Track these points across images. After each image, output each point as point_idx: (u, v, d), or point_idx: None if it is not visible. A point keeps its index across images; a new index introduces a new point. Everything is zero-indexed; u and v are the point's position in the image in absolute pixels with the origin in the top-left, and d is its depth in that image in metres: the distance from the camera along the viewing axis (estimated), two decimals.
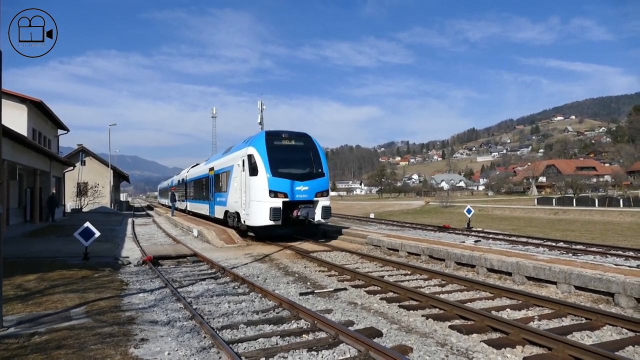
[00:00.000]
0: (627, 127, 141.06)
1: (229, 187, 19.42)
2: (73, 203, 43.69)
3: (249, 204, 16.28)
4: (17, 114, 25.55)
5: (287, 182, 15.83)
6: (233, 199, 18.70)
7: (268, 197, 15.55)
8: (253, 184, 16.02)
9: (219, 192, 21.99)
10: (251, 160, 16.31)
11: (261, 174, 15.87)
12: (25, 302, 7.94)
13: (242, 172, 17.08)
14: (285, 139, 16.98)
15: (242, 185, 17.13)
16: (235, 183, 18.33)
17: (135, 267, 12.27)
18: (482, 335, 6.34)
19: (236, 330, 6.45)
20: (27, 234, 20.30)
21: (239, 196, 17.54)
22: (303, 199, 16.04)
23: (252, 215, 16.02)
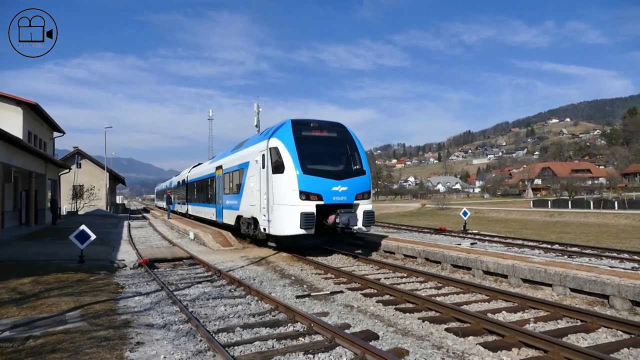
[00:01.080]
0: (622, 130, 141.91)
1: (243, 188, 16.56)
2: (69, 206, 43.48)
3: (271, 208, 13.33)
4: (12, 116, 25.45)
5: (321, 181, 12.84)
6: (248, 201, 15.78)
7: (298, 199, 12.58)
8: (278, 184, 13.11)
9: (229, 194, 19.16)
10: (275, 155, 13.31)
11: (289, 171, 12.82)
12: (20, 306, 7.89)
13: (262, 169, 14.18)
14: (315, 128, 13.90)
15: (261, 185, 14.25)
16: (251, 183, 15.38)
17: (131, 270, 12.22)
18: (478, 337, 6.36)
19: (232, 334, 6.44)
20: (22, 237, 20.17)
21: (257, 199, 14.63)
22: (341, 202, 13.06)
23: (277, 221, 13.08)
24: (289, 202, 12.69)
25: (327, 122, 14.59)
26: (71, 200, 44.05)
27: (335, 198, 12.97)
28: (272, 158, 13.44)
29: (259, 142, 15.09)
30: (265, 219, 13.83)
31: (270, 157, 13.56)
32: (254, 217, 15.20)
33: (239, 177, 17.36)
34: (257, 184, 14.70)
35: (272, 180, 13.33)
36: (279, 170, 13.10)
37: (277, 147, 13.32)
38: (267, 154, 13.76)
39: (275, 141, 13.53)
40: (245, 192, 16.23)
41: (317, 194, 12.73)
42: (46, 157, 27.25)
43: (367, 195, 13.70)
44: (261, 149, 14.45)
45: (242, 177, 16.69)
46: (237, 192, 17.43)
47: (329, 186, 12.88)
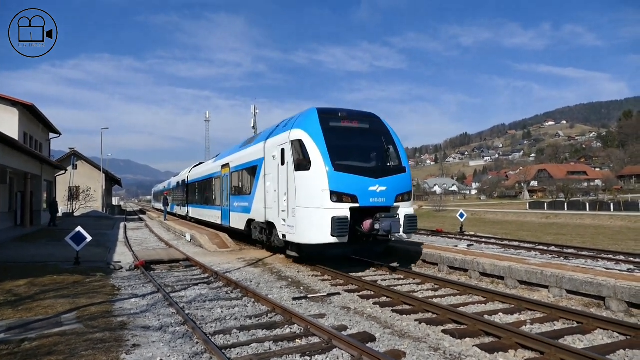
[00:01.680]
0: (617, 132, 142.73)
1: (255, 189, 14.73)
2: (65, 207, 43.31)
3: (293, 212, 11.37)
4: (8, 117, 25.37)
5: (356, 180, 10.90)
6: (263, 204, 13.87)
7: (328, 201, 10.59)
8: (302, 183, 11.18)
9: (237, 195, 17.44)
10: (299, 149, 11.42)
11: (317, 168, 10.85)
12: (16, 308, 7.85)
13: (281, 166, 12.26)
14: (344, 118, 12.01)
15: (280, 184, 12.35)
16: (266, 182, 13.55)
17: (127, 272, 12.18)
18: (475, 339, 6.36)
19: (229, 336, 6.42)
20: (17, 238, 20.07)
21: (274, 200, 12.78)
22: (379, 204, 11.05)
23: (301, 227, 11.11)
24: (317, 204, 10.70)
25: (357, 111, 12.70)
26: (67, 201, 43.89)
27: (373, 200, 10.99)
28: (295, 152, 11.54)
29: (277, 135, 13.21)
30: (286, 224, 11.94)
31: (292, 151, 11.63)
32: (270, 221, 13.35)
33: (250, 176, 15.62)
34: (274, 183, 12.83)
35: (295, 179, 11.38)
36: (304, 167, 11.17)
37: (302, 139, 11.35)
38: (289, 148, 11.80)
39: (299, 133, 11.56)
40: (259, 193, 14.41)
41: (351, 194, 10.76)
42: (42, 158, 27.15)
43: (408, 197, 11.76)
44: (280, 142, 12.55)
45: (255, 176, 14.90)
46: (248, 192, 15.70)
47: (365, 186, 10.92)
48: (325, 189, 10.66)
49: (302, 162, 11.24)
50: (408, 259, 13.60)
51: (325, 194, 10.66)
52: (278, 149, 12.60)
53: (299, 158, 11.38)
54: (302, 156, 11.29)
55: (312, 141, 11.16)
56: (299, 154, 11.39)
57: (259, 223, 14.59)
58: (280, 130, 13.15)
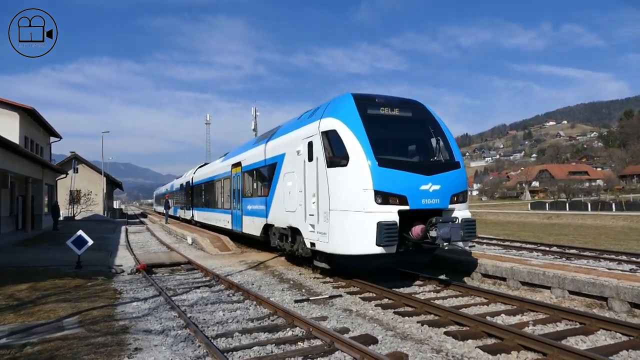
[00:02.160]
0: (618, 132, 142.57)
1: (274, 189, 13.13)
2: (66, 211, 43.36)
3: (326, 216, 9.68)
4: (9, 121, 25.44)
5: (405, 177, 9.21)
6: (283, 206, 12.23)
7: (372, 202, 8.90)
8: (338, 181, 9.49)
9: (251, 196, 15.77)
10: (333, 140, 9.78)
11: (357, 163, 9.16)
12: (17, 312, 7.85)
13: (308, 162, 10.63)
14: (383, 105, 10.32)
15: (306, 184, 10.71)
16: (288, 181, 11.96)
17: (129, 275, 12.18)
18: (477, 341, 6.35)
19: (231, 339, 6.41)
20: (18, 242, 20.10)
21: (299, 202, 11.10)
22: (432, 206, 9.37)
23: (338, 235, 9.37)
24: (358, 206, 9.00)
25: (398, 97, 11.05)
26: (68, 205, 43.94)
27: (425, 201, 9.31)
28: (328, 145, 9.89)
29: (301, 126, 11.57)
30: (315, 230, 10.25)
31: (323, 144, 9.98)
32: (294, 226, 11.63)
33: (267, 175, 13.96)
34: (298, 183, 11.20)
35: (328, 177, 9.69)
36: (339, 162, 9.49)
37: (336, 129, 9.69)
38: (319, 140, 10.16)
39: (332, 122, 9.91)
40: (278, 194, 12.77)
41: (399, 195, 9.06)
42: (43, 162, 27.20)
43: (464, 197, 10.04)
44: (306, 135, 10.87)
45: (273, 175, 13.22)
46: (265, 194, 14.03)
47: (416, 184, 9.24)
48: (368, 188, 8.97)
49: (337, 157, 9.61)
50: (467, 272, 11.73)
51: (368, 195, 8.96)
52: (303, 142, 10.95)
53: (333, 152, 9.77)
54: (336, 150, 9.67)
55: (350, 131, 9.46)
56: (333, 147, 9.79)
57: (279, 229, 12.93)
58: (305, 122, 11.50)
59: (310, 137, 10.60)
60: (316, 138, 10.31)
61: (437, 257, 12.01)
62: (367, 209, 8.88)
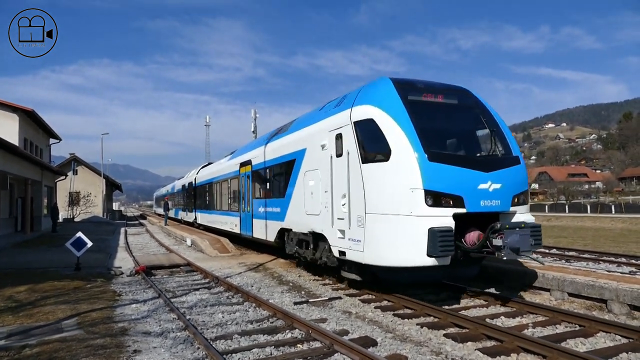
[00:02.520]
0: (618, 134, 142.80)
1: (291, 189, 11.80)
2: (65, 213, 43.30)
3: (360, 220, 8.30)
4: (8, 123, 25.45)
5: (461, 175, 7.79)
6: (304, 208, 10.90)
7: (422, 204, 7.49)
8: (376, 179, 8.09)
9: (263, 198, 14.35)
10: (370, 131, 8.37)
11: (402, 157, 7.76)
12: (16, 314, 7.84)
13: (337, 158, 9.28)
14: (426, 91, 8.85)
15: (334, 182, 9.35)
16: (310, 181, 10.62)
17: (128, 277, 12.16)
18: (476, 343, 6.34)
19: (230, 341, 6.40)
20: (17, 244, 20.08)
21: (325, 204, 9.77)
22: (492, 208, 7.94)
23: (377, 243, 7.97)
24: (403, 209, 7.58)
25: (440, 83, 9.58)
26: (67, 207, 43.89)
27: (484, 202, 7.85)
28: (362, 137, 8.54)
29: (327, 117, 10.18)
30: (345, 237, 8.89)
31: (356, 136, 8.62)
32: (317, 232, 10.29)
33: (283, 174, 12.64)
34: (323, 182, 9.88)
35: (364, 174, 8.29)
36: (377, 157, 8.14)
37: (374, 118, 8.28)
38: (350, 132, 8.81)
39: (369, 110, 8.50)
40: (297, 195, 11.46)
41: (454, 195, 7.63)
42: (42, 164, 27.18)
43: (525, 199, 8.57)
44: (333, 126, 9.54)
45: (291, 174, 11.92)
46: (280, 195, 12.69)
47: (474, 182, 7.80)
48: (417, 187, 7.52)
49: (375, 151, 8.25)
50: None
51: (416, 195, 7.51)
52: (330, 135, 9.65)
53: (369, 145, 8.43)
54: (374, 142, 8.32)
55: (391, 120, 8.03)
56: (369, 139, 8.44)
57: (298, 234, 11.57)
58: (331, 112, 10.15)
59: (339, 129, 9.27)
60: (347, 130, 8.96)
61: None
62: (416, 212, 7.47)
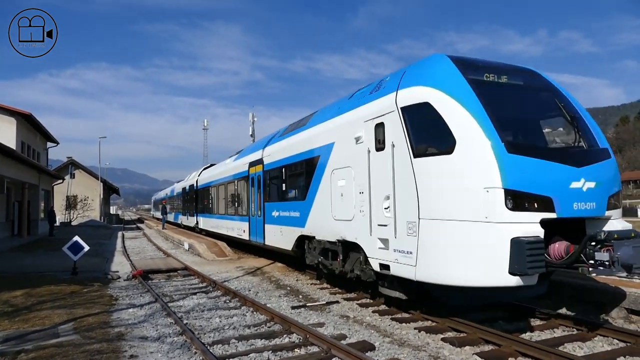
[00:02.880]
0: (614, 138, 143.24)
1: (314, 190, 10.26)
2: (62, 216, 43.18)
3: (413, 227, 6.81)
4: (5, 127, 25.43)
5: (549, 170, 6.29)
6: (333, 212, 9.33)
7: (502, 208, 5.98)
8: (434, 176, 6.62)
9: (278, 200, 12.90)
10: (424, 117, 6.94)
11: (471, 148, 6.31)
12: (12, 319, 7.80)
13: (376, 152, 7.73)
14: (489, 71, 7.25)
15: (374, 182, 7.78)
16: (339, 180, 9.05)
17: (125, 281, 12.11)
18: (474, 347, 6.33)
19: (227, 346, 6.38)
20: (14, 248, 20.00)
21: (360, 207, 8.20)
22: (586, 213, 6.44)
23: (439, 256, 6.51)
24: (476, 214, 6.06)
25: (500, 62, 7.91)
26: (64, 211, 43.78)
27: (577, 205, 6.30)
28: (415, 125, 7.00)
29: (361, 105, 8.56)
30: (389, 246, 7.34)
31: (405, 124, 7.05)
32: (348, 240, 8.73)
33: (303, 173, 11.07)
34: (358, 181, 8.25)
35: (417, 170, 6.73)
36: (437, 149, 6.63)
37: (429, 101, 6.75)
38: (398, 119, 7.22)
39: (423, 92, 6.97)
40: (321, 197, 9.94)
41: (542, 196, 6.10)
42: (39, 167, 27.12)
43: (619, 201, 7.08)
44: (372, 114, 7.94)
45: (313, 172, 10.32)
46: (300, 197, 11.17)
47: (564, 180, 6.28)
48: (494, 186, 5.94)
49: (432, 141, 6.80)
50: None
51: (493, 196, 5.93)
52: (366, 126, 8.04)
53: (424, 134, 6.98)
54: (430, 131, 6.87)
55: (456, 103, 6.52)
56: (423, 127, 6.99)
57: (323, 242, 9.92)
58: (365, 99, 8.54)
59: (379, 118, 7.70)
60: (390, 118, 7.39)
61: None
62: (493, 217, 5.91)
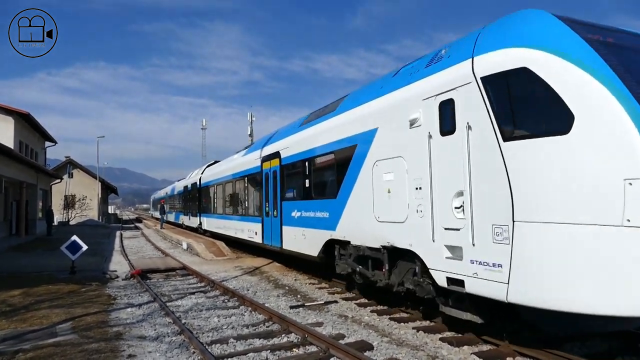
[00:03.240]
0: None
1: (350, 185, 8.67)
2: (60, 216, 43.08)
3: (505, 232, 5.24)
4: (3, 126, 25.36)
5: None
6: (376, 212, 7.78)
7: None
8: (539, 164, 5.03)
9: (301, 199, 11.14)
10: (522, 87, 5.43)
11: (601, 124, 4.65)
12: (10, 318, 7.78)
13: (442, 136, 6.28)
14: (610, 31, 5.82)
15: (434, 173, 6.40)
16: (386, 172, 7.53)
17: (123, 281, 12.10)
18: (473, 347, 6.33)
19: (226, 345, 6.37)
20: (12, 247, 19.96)
21: (417, 205, 6.74)
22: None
23: (554, 274, 4.78)
24: (612, 215, 4.50)
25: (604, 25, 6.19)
26: (63, 210, 43.69)
27: None
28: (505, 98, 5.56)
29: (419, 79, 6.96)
30: (463, 257, 5.86)
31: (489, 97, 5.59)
32: (399, 246, 7.15)
33: (334, 166, 9.45)
34: (413, 173, 6.80)
35: (510, 156, 5.32)
36: (541, 128, 5.22)
37: (528, 65, 5.26)
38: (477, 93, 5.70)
39: (517, 54, 5.42)
40: (359, 194, 8.32)
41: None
42: (37, 167, 27.07)
43: None
44: (434, 90, 6.44)
45: (349, 165, 8.69)
46: (330, 194, 9.61)
47: None
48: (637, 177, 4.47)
49: (534, 118, 5.37)
50: None
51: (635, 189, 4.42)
52: (426, 105, 6.53)
53: (520, 110, 5.52)
54: (530, 104, 5.47)
55: (573, 66, 4.99)
56: (519, 99, 5.54)
57: (362, 249, 8.22)
58: (421, 73, 7.00)
59: (447, 93, 6.15)
60: (465, 92, 5.83)
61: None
62: (635, 221, 4.39)
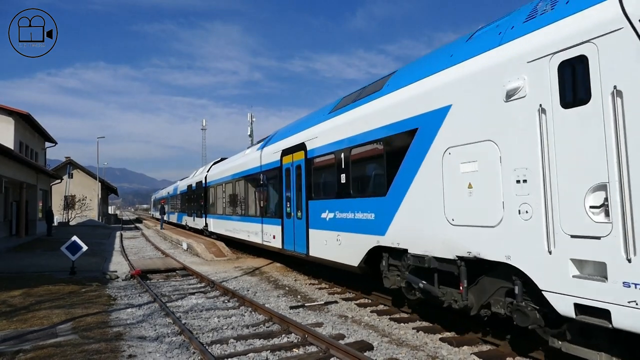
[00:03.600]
0: None
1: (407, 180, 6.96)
2: (60, 216, 43.07)
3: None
4: (3, 126, 25.36)
5: None
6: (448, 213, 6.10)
7: None
8: None
9: (334, 197, 9.34)
10: None
11: None
12: (10, 319, 7.79)
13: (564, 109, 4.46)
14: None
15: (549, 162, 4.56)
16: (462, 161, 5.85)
17: (124, 281, 12.11)
18: (472, 347, 6.34)
19: (226, 345, 6.39)
20: (12, 248, 19.95)
21: (520, 204, 4.93)
22: None
23: None
24: None
25: None
26: (63, 210, 43.68)
27: None
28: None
29: (516, 37, 5.31)
30: (608, 277, 4.11)
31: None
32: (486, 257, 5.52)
33: (382, 157, 7.69)
34: (512, 163, 5.12)
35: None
36: None
37: None
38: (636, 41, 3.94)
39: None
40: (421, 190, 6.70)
41: None
42: (37, 167, 27.06)
43: None
44: (551, 45, 4.71)
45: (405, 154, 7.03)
46: (376, 191, 7.97)
47: None
48: None
49: None
50: None
51: None
52: (536, 68, 4.89)
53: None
54: None
55: None
56: None
57: (427, 260, 6.48)
58: (519, 28, 5.38)
59: (574, 48, 4.51)
60: (608, 42, 4.21)
61: None
62: None
